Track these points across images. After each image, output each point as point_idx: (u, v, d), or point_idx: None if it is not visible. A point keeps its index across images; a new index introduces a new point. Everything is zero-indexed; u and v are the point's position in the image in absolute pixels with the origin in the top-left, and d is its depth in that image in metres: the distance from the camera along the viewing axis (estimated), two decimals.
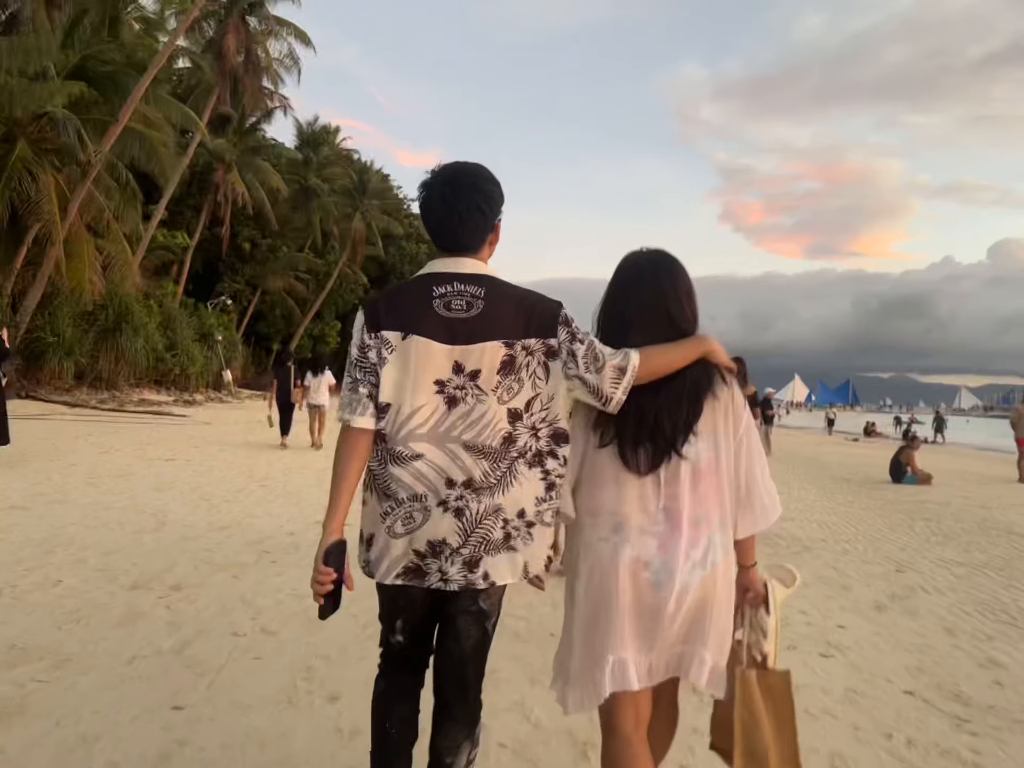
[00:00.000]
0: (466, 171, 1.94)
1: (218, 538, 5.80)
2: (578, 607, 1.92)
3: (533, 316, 1.87)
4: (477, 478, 1.83)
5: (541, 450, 1.89)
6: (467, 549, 1.83)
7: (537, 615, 4.36)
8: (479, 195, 1.91)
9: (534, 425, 1.88)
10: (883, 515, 9.51)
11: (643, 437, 1.91)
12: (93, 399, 21.93)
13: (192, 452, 11.50)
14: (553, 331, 1.87)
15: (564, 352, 1.87)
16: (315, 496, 8.03)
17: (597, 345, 1.89)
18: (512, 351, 1.84)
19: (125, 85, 20.71)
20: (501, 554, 1.84)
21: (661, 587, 1.84)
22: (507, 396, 1.85)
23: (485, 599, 1.90)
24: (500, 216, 2.00)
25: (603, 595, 1.87)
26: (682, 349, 1.94)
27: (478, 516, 1.82)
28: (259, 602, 4.25)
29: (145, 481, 8.29)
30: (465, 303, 1.84)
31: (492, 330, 1.84)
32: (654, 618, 1.86)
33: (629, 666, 1.85)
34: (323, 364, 13.72)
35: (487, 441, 1.84)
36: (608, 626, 1.86)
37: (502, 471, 1.84)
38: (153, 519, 6.33)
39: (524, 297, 1.90)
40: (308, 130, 43.11)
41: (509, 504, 1.85)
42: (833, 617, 4.74)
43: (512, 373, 1.85)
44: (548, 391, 1.88)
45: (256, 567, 5.03)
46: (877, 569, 6.27)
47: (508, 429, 1.85)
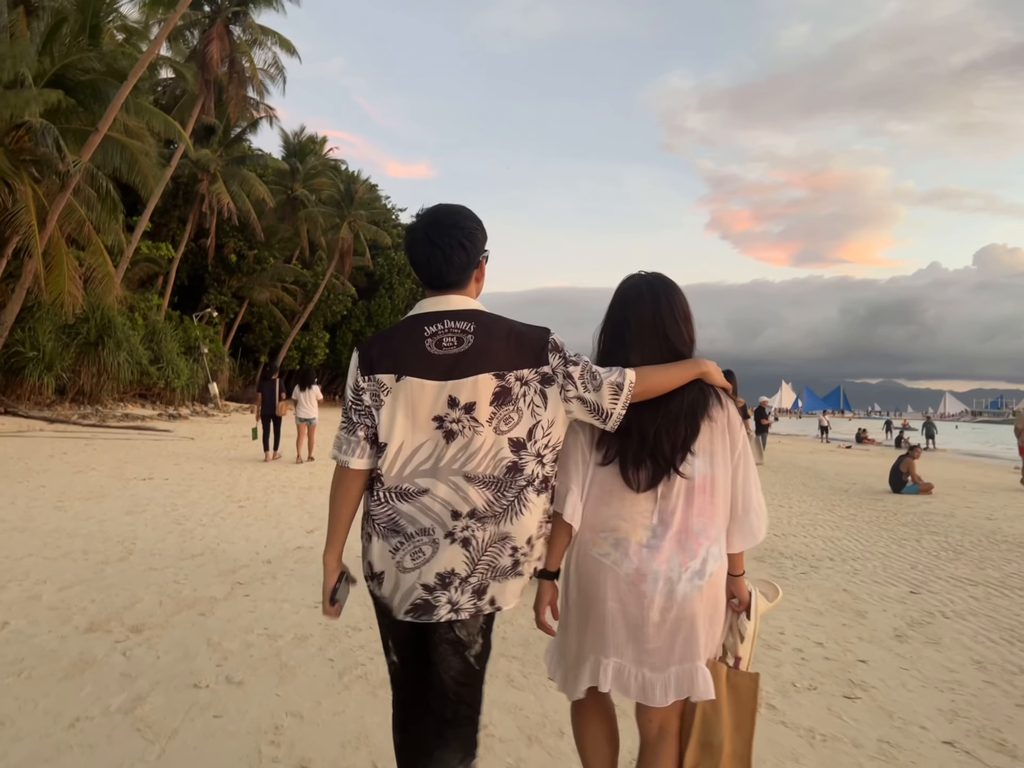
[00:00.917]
0: (449, 211, 2.01)
1: (188, 568, 5.39)
2: (571, 612, 2.05)
3: (523, 346, 1.90)
4: (481, 508, 1.86)
5: (548, 476, 1.94)
6: (475, 578, 1.87)
7: (534, 655, 3.98)
8: (461, 232, 1.96)
9: (539, 452, 1.91)
10: (888, 528, 9.19)
11: (644, 456, 1.97)
12: (75, 414, 21.45)
13: (171, 470, 11.06)
14: (544, 358, 1.90)
15: (560, 376, 1.90)
16: (296, 518, 7.63)
17: (591, 365, 1.93)
18: (504, 382, 1.87)
19: (105, 94, 20.30)
20: (509, 580, 1.90)
21: (647, 597, 1.91)
22: (505, 426, 1.88)
23: (460, 627, 1.90)
24: (486, 254, 2.04)
25: (592, 602, 1.97)
26: (678, 370, 1.99)
27: (484, 544, 1.86)
28: (226, 645, 3.85)
29: (117, 503, 7.86)
30: (455, 339, 1.88)
31: (483, 363, 1.87)
32: (641, 627, 1.92)
33: (609, 668, 1.95)
34: (311, 377, 13.61)
35: (488, 471, 1.87)
36: (596, 631, 1.96)
37: (508, 500, 1.88)
38: (120, 547, 5.91)
39: (512, 328, 1.93)
40: (294, 140, 42.76)
41: (518, 532, 1.89)
42: (852, 649, 4.38)
43: (508, 403, 1.88)
44: (548, 417, 1.91)
45: (227, 602, 4.62)
46: (891, 591, 5.93)
47: (512, 458, 1.88)
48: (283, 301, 40.96)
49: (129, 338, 24.49)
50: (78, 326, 22.63)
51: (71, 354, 22.27)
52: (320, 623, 4.30)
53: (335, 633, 4.14)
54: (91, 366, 23.01)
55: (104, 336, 23.17)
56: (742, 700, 2.06)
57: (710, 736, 2.01)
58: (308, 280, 42.35)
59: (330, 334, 45.93)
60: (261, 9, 30.68)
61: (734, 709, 2.04)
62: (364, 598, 4.89)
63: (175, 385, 28.02)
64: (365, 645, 3.97)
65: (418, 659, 2.01)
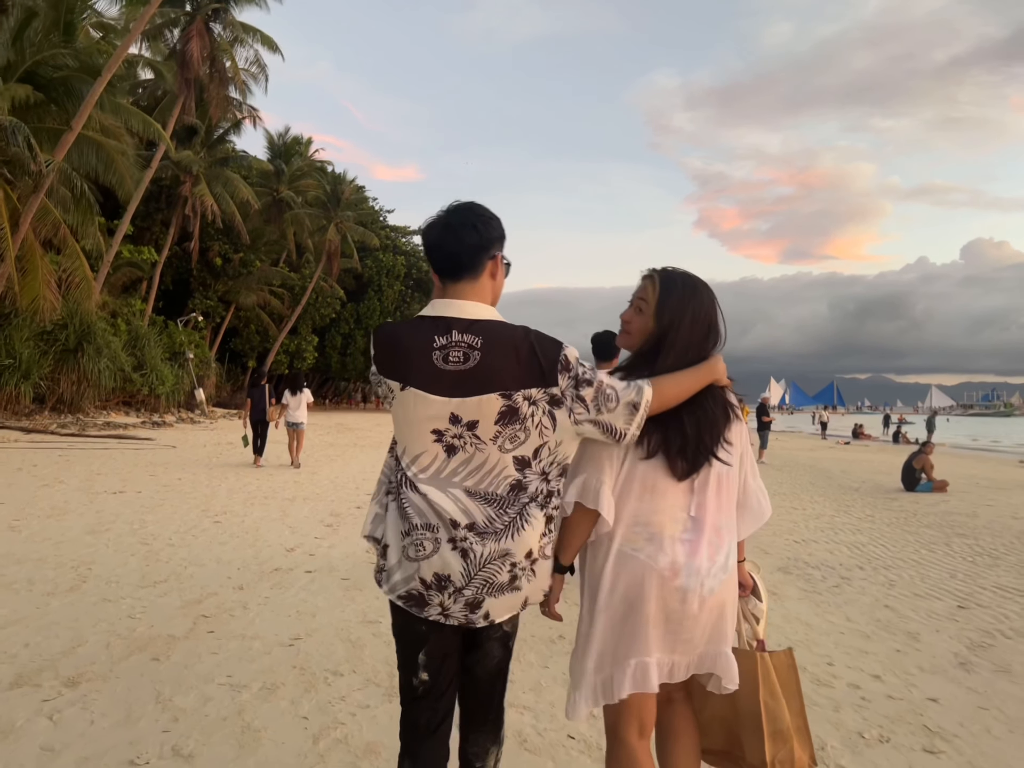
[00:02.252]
0: (467, 203, 1.98)
1: (147, 598, 4.73)
2: (600, 614, 1.94)
3: (532, 363, 1.81)
4: (480, 523, 1.82)
5: (552, 491, 1.89)
6: (470, 591, 1.83)
7: (547, 702, 3.34)
8: (475, 215, 1.93)
9: (544, 470, 1.86)
10: (912, 531, 8.60)
11: (688, 446, 1.95)
12: (53, 424, 20.69)
13: (146, 482, 10.37)
14: (554, 379, 1.82)
15: (569, 399, 1.83)
16: (276, 534, 6.96)
17: (606, 383, 1.84)
18: (511, 401, 1.80)
19: (79, 91, 19.57)
20: (505, 595, 1.84)
21: (690, 591, 1.89)
22: (510, 445, 1.83)
23: (508, 623, 1.95)
24: (501, 251, 1.98)
25: (632, 603, 1.91)
26: (693, 377, 1.96)
27: (482, 559, 1.81)
28: (179, 701, 3.20)
29: (80, 521, 7.18)
30: (462, 355, 1.82)
31: (489, 382, 1.80)
32: (681, 621, 1.91)
33: (651, 669, 1.90)
34: (301, 382, 13.52)
35: (491, 488, 1.84)
36: (634, 632, 1.90)
37: (511, 516, 1.83)
38: (73, 574, 5.24)
39: (522, 342, 1.84)
40: (279, 141, 42.03)
41: (519, 548, 1.83)
42: (916, 683, 3.76)
43: (515, 423, 1.81)
44: (556, 438, 1.85)
45: (187, 641, 3.97)
46: (937, 606, 5.33)
47: (517, 476, 1.84)
48: (270, 305, 40.25)
49: (110, 344, 23.70)
50: (56, 332, 21.84)
51: (49, 361, 21.46)
52: (295, 667, 3.66)
53: (312, 679, 3.50)
54: (70, 373, 22.19)
55: (84, 342, 22.35)
56: (785, 679, 2.10)
57: (779, 724, 2.03)
58: (295, 283, 41.64)
59: (319, 337, 45.21)
60: (243, 6, 29.99)
61: (784, 691, 2.07)
62: (347, 631, 4.27)
63: (159, 392, 27.26)
64: (347, 696, 3.32)
65: (450, 673, 1.96)
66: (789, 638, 4.42)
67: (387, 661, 3.77)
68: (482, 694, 2.02)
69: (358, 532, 7.23)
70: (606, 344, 5.79)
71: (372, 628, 4.31)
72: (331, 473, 12.51)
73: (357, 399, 69.93)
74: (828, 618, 4.90)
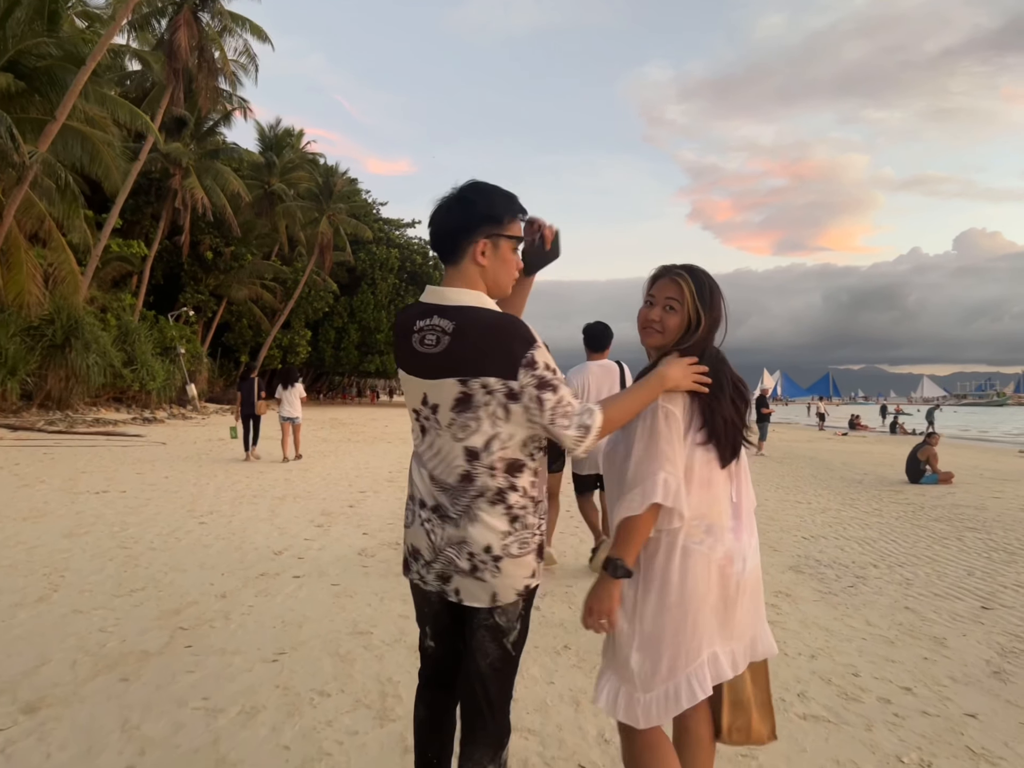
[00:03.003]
0: (466, 182, 1.96)
1: (122, 608, 4.42)
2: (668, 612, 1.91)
3: (496, 354, 1.79)
4: (440, 507, 1.88)
5: (501, 487, 1.86)
6: (437, 565, 1.90)
7: (555, 725, 3.05)
8: (457, 197, 1.91)
9: (492, 464, 1.85)
10: (922, 525, 8.34)
11: (730, 432, 1.99)
12: (42, 420, 20.31)
13: (132, 480, 10.04)
14: (514, 373, 1.78)
15: (526, 397, 1.79)
16: (263, 536, 6.66)
17: (566, 399, 1.82)
18: (467, 388, 1.81)
19: (63, 81, 19.15)
20: (469, 580, 1.85)
21: (740, 576, 1.96)
22: (462, 433, 1.84)
23: (501, 614, 1.88)
24: (494, 232, 1.89)
25: (701, 597, 1.92)
26: (641, 396, 1.94)
27: (442, 541, 1.87)
28: (148, 729, 2.89)
29: (58, 524, 6.85)
30: (435, 338, 1.85)
31: (450, 367, 1.82)
32: (735, 606, 1.96)
33: (721, 659, 1.94)
34: (294, 376, 13.66)
35: (444, 477, 1.88)
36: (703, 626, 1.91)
37: (462, 507, 1.85)
38: (45, 582, 4.93)
39: (491, 330, 1.81)
40: (270, 133, 41.50)
41: (474, 540, 1.83)
42: (950, 696, 3.48)
43: (468, 410, 1.82)
44: (508, 431, 1.84)
45: (161, 658, 3.66)
46: (959, 607, 5.06)
47: (465, 468, 1.85)
48: (262, 299, 39.83)
49: (99, 339, 23.25)
50: (43, 328, 21.40)
51: (36, 357, 21.04)
52: (278, 686, 3.36)
53: (296, 701, 3.20)
54: (58, 369, 21.77)
55: (71, 338, 21.90)
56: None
57: (739, 695, 2.09)
58: (288, 276, 41.21)
59: (311, 331, 44.78)
60: None
61: (749, 666, 2.09)
62: (336, 644, 3.96)
63: (150, 387, 26.87)
64: (334, 720, 3.02)
65: (455, 643, 2.02)
66: (809, 646, 4.14)
67: (378, 678, 3.48)
68: (476, 696, 1.91)
69: (350, 533, 6.93)
70: (598, 336, 5.69)
71: (363, 640, 4.01)
72: (323, 470, 12.20)
73: (352, 394, 69.58)
74: (848, 622, 4.62)
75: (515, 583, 1.86)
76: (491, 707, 1.91)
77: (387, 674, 3.53)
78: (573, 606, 4.79)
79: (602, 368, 5.65)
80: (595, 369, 5.63)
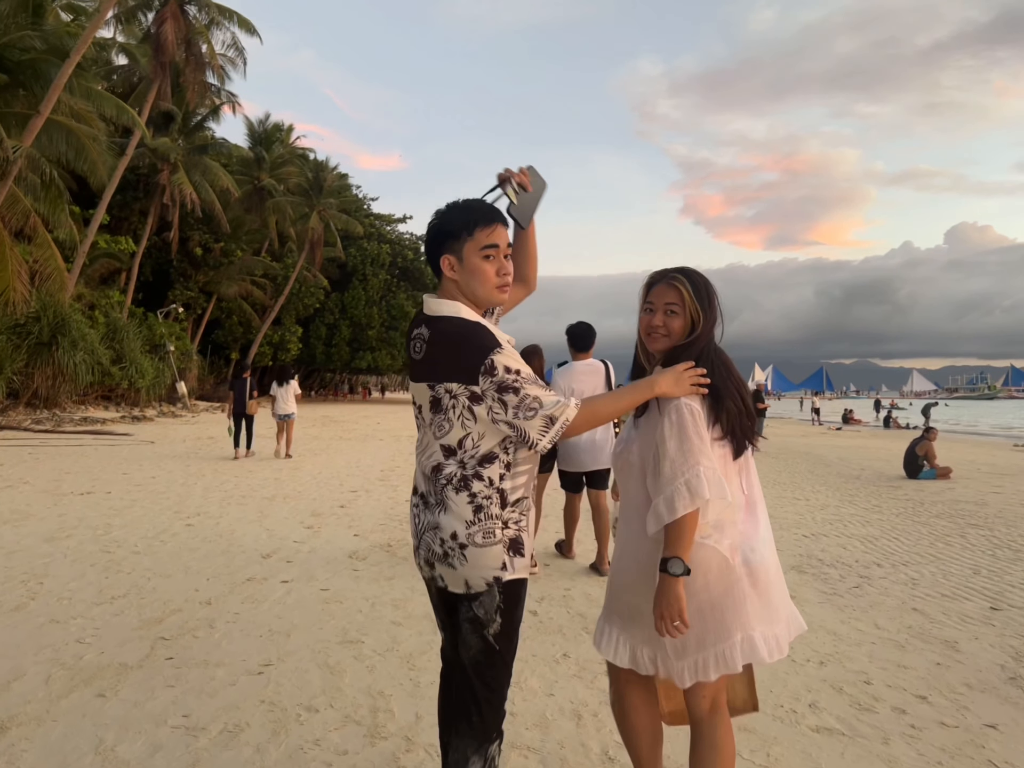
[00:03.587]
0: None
1: (102, 618, 4.23)
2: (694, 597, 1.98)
3: (459, 361, 1.91)
4: (425, 493, 2.03)
5: (467, 475, 1.94)
6: (422, 550, 2.02)
7: (555, 743, 2.88)
8: (436, 211, 2.05)
9: (463, 460, 1.95)
10: (923, 522, 8.21)
11: (743, 426, 2.08)
12: (29, 419, 20.03)
13: (118, 481, 9.83)
14: (475, 379, 1.89)
15: (489, 399, 1.89)
16: (252, 538, 6.47)
17: (532, 394, 1.89)
18: (435, 392, 1.95)
19: (47, 74, 18.82)
20: (444, 566, 1.95)
21: (759, 564, 2.04)
22: (439, 433, 1.97)
23: (479, 606, 1.96)
24: (454, 246, 1.99)
25: (714, 587, 2.00)
26: (626, 399, 2.03)
27: (423, 526, 2.02)
28: (122, 751, 2.71)
29: (39, 527, 6.65)
30: (419, 346, 2.01)
31: (424, 372, 1.98)
32: (767, 593, 2.06)
33: (757, 640, 2.00)
34: (289, 373, 13.80)
35: (426, 469, 2.02)
36: (726, 612, 2.00)
37: (437, 495, 1.97)
38: (22, 589, 4.73)
39: (460, 341, 1.93)
40: (259, 128, 41.12)
41: (444, 526, 1.94)
42: (968, 705, 3.33)
43: (439, 412, 1.96)
44: (478, 430, 1.94)
45: (140, 671, 3.48)
46: (968, 607, 4.92)
47: (440, 460, 1.98)
48: (253, 295, 39.49)
49: (87, 337, 22.94)
50: (29, 325, 21.11)
51: (22, 355, 20.75)
52: (263, 701, 3.18)
53: (282, 717, 3.03)
54: (45, 367, 21.48)
55: (58, 335, 21.59)
56: None
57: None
58: (278, 273, 40.89)
59: (302, 328, 44.47)
60: None
61: None
62: (325, 654, 3.79)
63: (140, 385, 26.56)
64: (322, 739, 2.85)
65: (453, 635, 2.09)
66: (817, 651, 3.99)
67: (369, 691, 3.30)
68: (461, 687, 2.02)
69: (340, 535, 6.75)
70: (581, 336, 5.74)
71: (353, 650, 3.83)
72: (314, 468, 12.00)
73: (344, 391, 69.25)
74: (855, 625, 4.48)
75: (483, 572, 1.93)
76: (476, 701, 1.96)
77: (378, 687, 3.36)
78: (571, 610, 4.63)
79: (588, 367, 5.72)
80: (581, 368, 5.70)
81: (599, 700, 3.29)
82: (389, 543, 6.42)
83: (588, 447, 5.60)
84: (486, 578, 1.93)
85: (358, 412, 35.49)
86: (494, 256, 1.99)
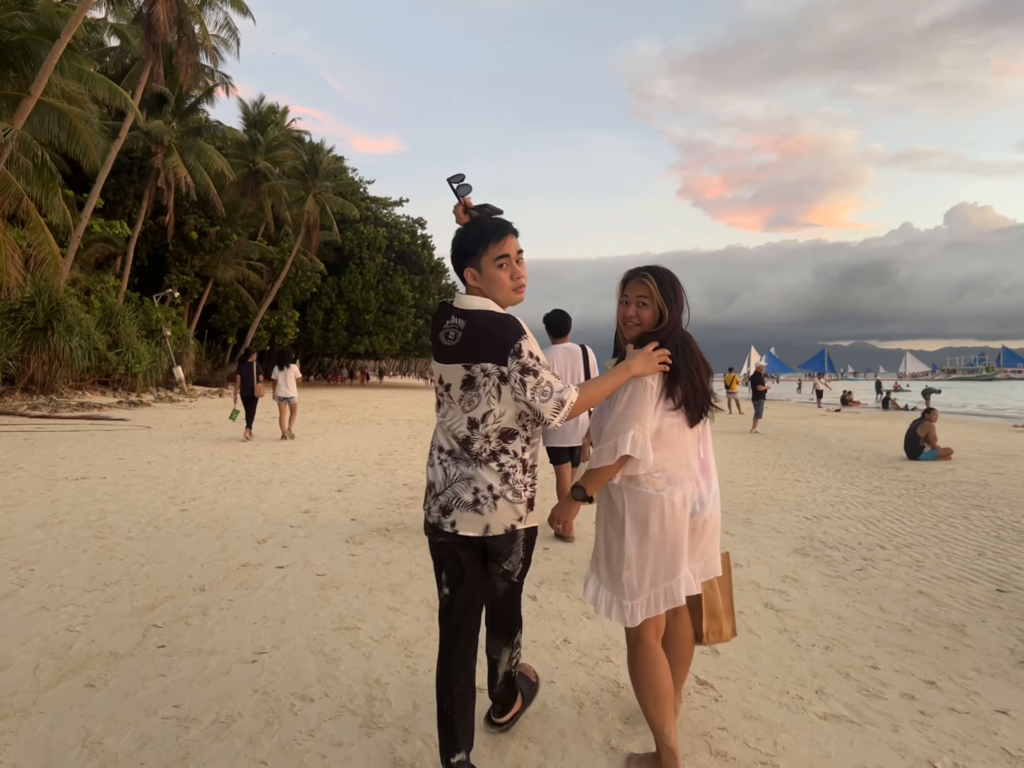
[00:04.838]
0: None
1: (93, 605, 4.15)
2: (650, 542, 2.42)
3: (492, 345, 2.27)
4: (455, 450, 2.37)
5: (494, 450, 2.33)
6: (443, 498, 2.37)
7: (556, 730, 2.80)
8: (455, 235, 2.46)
9: (487, 434, 2.32)
10: (926, 504, 8.14)
11: (699, 398, 2.48)
12: (25, 405, 19.92)
13: (113, 465, 9.73)
14: (504, 359, 2.25)
15: (513, 379, 2.26)
16: (247, 523, 6.38)
17: (546, 378, 2.27)
18: (470, 372, 2.30)
19: (37, 55, 18.55)
20: (468, 512, 2.32)
21: (701, 515, 2.51)
22: (468, 407, 2.33)
23: (508, 563, 2.42)
24: (472, 262, 2.38)
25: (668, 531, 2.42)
26: (609, 382, 2.40)
27: (453, 477, 2.35)
28: (110, 743, 2.64)
29: (32, 513, 6.56)
30: (453, 334, 2.35)
31: (460, 355, 2.32)
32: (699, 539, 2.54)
33: (692, 578, 2.47)
34: (289, 357, 14.19)
35: (456, 430, 2.37)
36: (675, 552, 2.43)
37: (472, 455, 2.34)
38: (13, 576, 4.65)
39: (492, 326, 2.30)
40: (254, 111, 40.70)
41: (480, 478, 2.32)
42: (977, 690, 3.26)
43: (472, 389, 2.31)
44: (501, 408, 2.31)
45: (131, 660, 3.40)
46: (974, 590, 4.85)
47: (467, 433, 2.35)
48: (249, 279, 39.21)
49: (82, 322, 22.78)
50: (24, 310, 20.94)
51: (18, 341, 20.61)
52: (256, 691, 3.10)
53: (275, 707, 2.95)
54: (41, 353, 21.34)
55: (53, 320, 21.44)
56: (722, 573, 2.72)
57: (713, 606, 2.79)
58: (274, 257, 40.58)
59: (300, 312, 44.24)
60: None
61: (719, 582, 2.81)
62: (321, 641, 3.71)
63: (136, 370, 26.41)
64: (316, 729, 2.77)
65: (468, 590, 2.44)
66: (822, 636, 3.92)
67: (365, 680, 3.22)
68: (497, 612, 2.61)
69: (338, 519, 6.67)
70: (557, 323, 6.28)
71: (349, 636, 3.75)
72: (311, 452, 11.91)
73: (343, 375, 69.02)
74: (860, 609, 4.40)
75: (504, 520, 2.33)
76: (507, 615, 2.61)
77: (375, 675, 3.28)
78: (571, 595, 4.55)
79: (567, 351, 6.17)
80: (560, 352, 6.15)
81: (600, 687, 3.21)
82: (387, 527, 6.34)
83: (572, 423, 6.04)
84: (505, 525, 2.34)
85: (356, 396, 35.37)
86: (507, 264, 2.34)
